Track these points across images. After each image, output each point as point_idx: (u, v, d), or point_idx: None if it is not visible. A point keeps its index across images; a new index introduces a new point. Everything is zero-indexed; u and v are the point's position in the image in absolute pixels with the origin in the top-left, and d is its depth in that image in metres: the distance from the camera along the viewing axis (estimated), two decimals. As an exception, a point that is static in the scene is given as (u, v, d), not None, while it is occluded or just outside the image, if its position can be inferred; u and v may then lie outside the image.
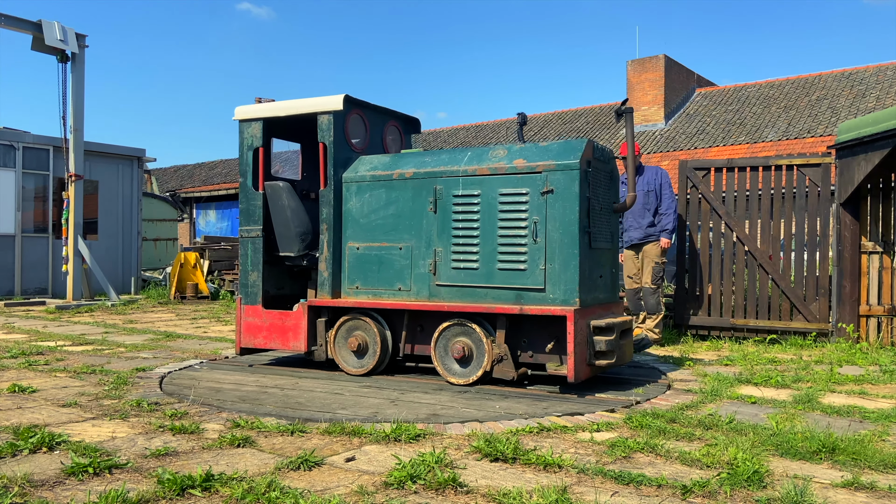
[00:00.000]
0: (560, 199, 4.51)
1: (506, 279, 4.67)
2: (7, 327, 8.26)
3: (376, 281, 5.09)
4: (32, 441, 3.14)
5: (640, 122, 28.18)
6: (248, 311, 5.48)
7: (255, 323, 5.44)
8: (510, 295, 4.65)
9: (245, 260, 5.52)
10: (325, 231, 5.23)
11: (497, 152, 4.85)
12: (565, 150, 4.61)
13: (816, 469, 2.94)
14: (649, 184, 6.98)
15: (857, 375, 5.13)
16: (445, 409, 4.01)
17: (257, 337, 5.44)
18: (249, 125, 5.55)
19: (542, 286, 4.55)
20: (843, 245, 6.81)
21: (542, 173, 4.57)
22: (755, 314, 7.26)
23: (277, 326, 5.36)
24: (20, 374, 5.04)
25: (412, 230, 4.97)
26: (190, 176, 40.49)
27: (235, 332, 5.46)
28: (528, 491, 2.59)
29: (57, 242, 13.52)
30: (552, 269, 4.52)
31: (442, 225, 4.87)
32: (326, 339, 5.25)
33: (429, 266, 4.90)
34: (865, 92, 24.32)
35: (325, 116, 5.27)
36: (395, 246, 5.03)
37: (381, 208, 5.10)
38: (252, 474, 2.79)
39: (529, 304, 4.57)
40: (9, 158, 13.27)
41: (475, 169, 4.79)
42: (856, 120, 6.68)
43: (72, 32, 11.55)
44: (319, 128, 5.28)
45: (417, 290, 4.95)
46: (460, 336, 4.78)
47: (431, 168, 4.96)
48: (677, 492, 2.63)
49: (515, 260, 4.64)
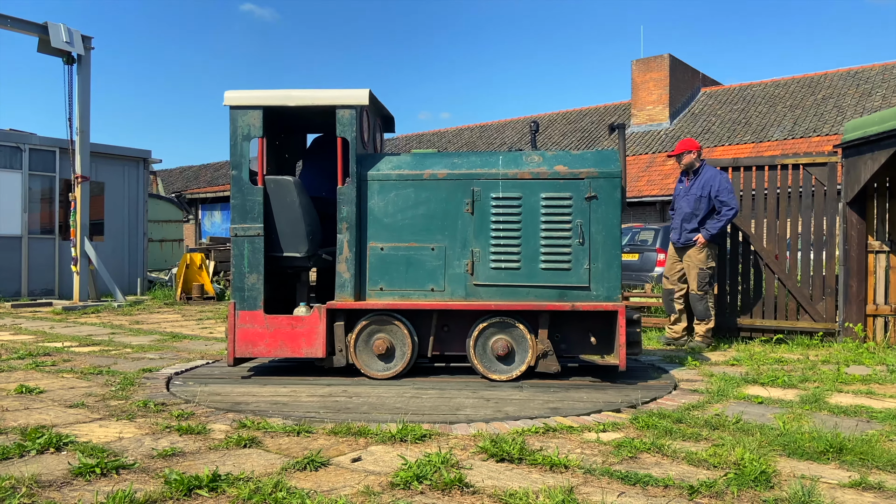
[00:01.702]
0: (603, 203, 4.92)
1: (549, 278, 4.95)
2: (14, 328, 8.29)
3: (404, 282, 5.00)
4: (40, 442, 3.15)
5: (644, 121, 28.13)
6: (244, 317, 4.98)
7: (254, 330, 4.99)
8: (553, 293, 4.94)
9: (240, 261, 5.02)
10: (344, 230, 4.98)
11: (532, 158, 5.10)
12: (603, 159, 5.04)
13: (824, 469, 2.93)
14: (703, 189, 6.66)
15: (865, 375, 5.11)
16: (531, 404, 4.20)
17: (258, 345, 4.98)
18: (245, 113, 5.08)
19: (586, 284, 4.91)
20: (850, 244, 6.78)
21: (585, 180, 4.95)
22: (761, 314, 7.23)
23: (286, 333, 4.98)
24: (27, 375, 5.06)
25: (446, 231, 5.01)
26: (195, 177, 40.60)
27: (228, 341, 4.98)
28: (534, 491, 2.59)
29: (63, 244, 13.57)
30: (596, 269, 4.91)
31: (479, 226, 5.00)
32: (346, 343, 5.00)
33: (465, 266, 4.99)
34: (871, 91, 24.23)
35: (348, 110, 5.02)
36: (426, 246, 5.01)
37: (410, 208, 5.02)
38: (259, 475, 2.79)
39: (575, 301, 4.90)
40: (15, 160, 13.32)
41: (516, 173, 5.00)
42: (862, 119, 6.66)
43: (78, 34, 11.59)
44: (339, 122, 5.01)
45: (452, 290, 5.00)
46: (500, 334, 4.96)
47: (467, 170, 5.06)
48: (684, 492, 2.62)
49: (560, 260, 4.93)
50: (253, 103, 5.07)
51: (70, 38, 11.45)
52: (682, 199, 6.82)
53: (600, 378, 5.02)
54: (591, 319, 5.00)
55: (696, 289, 6.68)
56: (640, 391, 4.53)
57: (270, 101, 5.10)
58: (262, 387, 4.69)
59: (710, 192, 6.63)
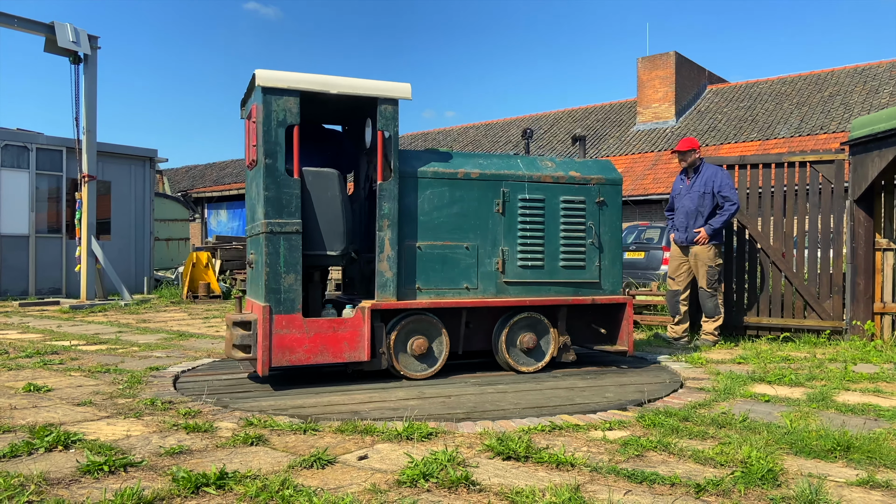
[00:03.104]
0: (609, 207, 5.45)
1: (568, 275, 5.36)
2: (22, 327, 8.33)
3: (440, 280, 5.00)
4: (48, 440, 3.16)
5: (650, 119, 28.07)
6: (281, 321, 4.56)
7: (292, 335, 4.58)
8: (570, 289, 5.36)
9: (275, 260, 4.57)
10: (385, 228, 4.83)
11: (546, 163, 5.44)
12: (605, 167, 5.54)
13: (831, 468, 2.92)
14: (706, 185, 6.65)
15: (872, 373, 5.09)
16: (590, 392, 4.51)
17: (296, 351, 4.58)
18: (281, 97, 4.64)
19: (597, 280, 5.42)
20: (857, 242, 6.76)
21: (595, 185, 5.43)
22: (768, 312, 7.21)
23: (327, 336, 4.66)
24: (35, 374, 5.08)
25: (478, 230, 5.12)
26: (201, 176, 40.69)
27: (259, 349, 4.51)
28: (540, 489, 2.59)
29: (70, 243, 13.63)
30: (605, 266, 5.43)
31: (508, 225, 5.21)
32: (387, 344, 4.85)
33: (496, 264, 5.15)
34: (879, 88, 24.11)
35: (391, 104, 4.88)
36: (460, 245, 5.06)
37: (445, 206, 5.02)
38: (266, 472, 2.80)
39: (591, 295, 5.39)
40: (22, 160, 13.38)
41: (539, 176, 5.32)
42: (869, 116, 6.63)
43: (84, 34, 11.63)
44: (382, 115, 4.86)
45: (484, 287, 5.14)
46: (525, 329, 5.25)
47: (496, 171, 5.22)
48: (691, 490, 2.62)
49: (576, 258, 5.36)
50: (291, 86, 4.64)
51: (76, 37, 11.49)
52: (685, 197, 6.80)
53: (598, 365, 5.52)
54: (593, 312, 5.53)
55: (706, 286, 6.67)
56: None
57: (310, 87, 4.70)
58: (321, 396, 4.37)
59: (713, 188, 6.63)
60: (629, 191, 23.86)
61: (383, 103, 4.87)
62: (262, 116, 4.57)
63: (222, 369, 5.30)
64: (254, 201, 5.02)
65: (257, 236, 4.84)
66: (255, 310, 4.79)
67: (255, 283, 4.96)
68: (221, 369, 5.31)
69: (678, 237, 6.86)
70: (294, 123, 4.64)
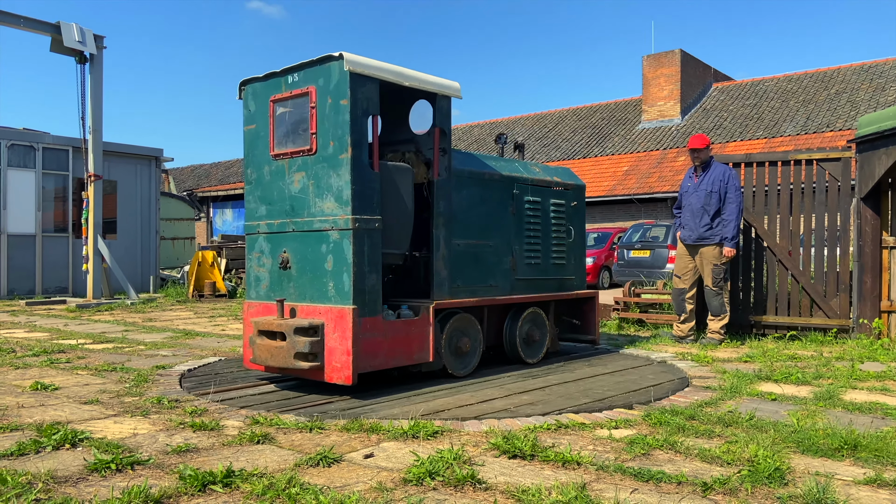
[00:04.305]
0: (578, 210, 6.04)
1: (555, 272, 5.80)
2: (29, 326, 8.37)
3: (472, 278, 5.04)
4: (55, 438, 3.18)
5: (655, 117, 28.00)
6: (367, 324, 4.21)
7: (376, 339, 4.27)
8: (555, 285, 5.80)
9: (361, 258, 4.19)
10: (440, 226, 4.74)
11: (535, 168, 5.80)
12: (572, 175, 6.15)
13: (838, 466, 2.91)
14: (713, 184, 6.63)
15: (879, 372, 5.07)
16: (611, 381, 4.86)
17: (378, 356, 4.29)
18: (366, 85, 4.26)
19: (573, 276, 5.97)
20: (864, 240, 6.73)
21: (571, 190, 5.98)
22: (774, 310, 7.19)
23: (402, 338, 4.44)
24: (42, 372, 5.10)
25: (498, 229, 5.27)
26: (207, 175, 40.79)
27: (343, 353, 4.13)
28: (546, 488, 2.59)
29: (77, 242, 13.68)
30: (577, 263, 5.99)
31: (518, 225, 5.43)
32: (441, 342, 4.73)
33: (510, 262, 5.35)
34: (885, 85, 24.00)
35: (446, 101, 4.79)
36: (487, 243, 5.17)
37: (476, 206, 5.07)
38: (272, 471, 2.81)
39: (571, 290, 5.92)
40: (29, 159, 13.43)
41: (538, 179, 5.66)
42: (876, 113, 6.60)
43: (90, 34, 11.66)
44: (439, 111, 4.78)
45: (502, 285, 5.30)
46: (530, 323, 5.58)
47: (509, 173, 5.40)
48: (697, 489, 2.61)
49: (561, 256, 5.83)
50: (374, 74, 4.32)
51: (82, 37, 11.53)
52: (692, 195, 6.78)
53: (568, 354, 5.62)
54: (567, 305, 6.13)
55: (712, 284, 6.66)
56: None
57: (387, 76, 4.43)
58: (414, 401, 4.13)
59: (721, 187, 6.61)
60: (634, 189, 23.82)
61: (442, 100, 4.79)
62: (350, 103, 4.15)
63: (227, 368, 5.31)
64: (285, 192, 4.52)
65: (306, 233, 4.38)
66: (305, 313, 4.35)
67: (301, 283, 4.43)
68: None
69: (684, 236, 6.84)
70: (374, 113, 4.35)
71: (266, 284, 4.64)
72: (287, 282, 4.51)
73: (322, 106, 4.26)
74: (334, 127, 4.20)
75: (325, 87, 4.26)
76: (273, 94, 4.57)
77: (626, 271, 16.26)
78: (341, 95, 4.17)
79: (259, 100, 4.68)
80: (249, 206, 4.76)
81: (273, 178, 4.60)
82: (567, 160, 28.13)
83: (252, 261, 4.75)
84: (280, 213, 4.55)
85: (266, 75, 4.62)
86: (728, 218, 6.57)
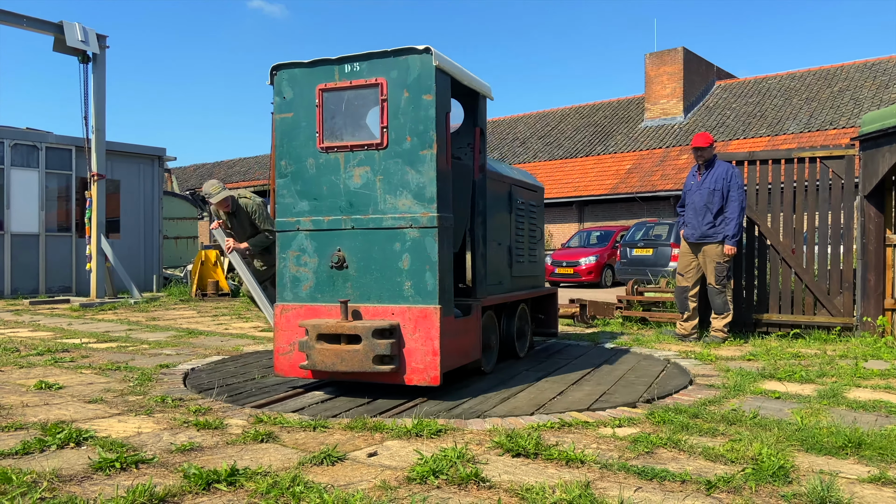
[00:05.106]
0: (540, 210, 6.40)
1: (532, 270, 6.08)
2: (33, 325, 8.39)
3: (493, 277, 5.10)
4: (60, 437, 3.18)
5: (658, 115, 27.96)
6: (447, 324, 4.07)
7: (451, 339, 4.15)
8: (532, 282, 6.10)
9: (444, 257, 4.07)
10: (480, 225, 4.71)
11: (513, 170, 5.96)
12: (533, 177, 6.46)
13: (842, 464, 2.91)
14: (717, 182, 6.61)
15: (883, 370, 5.06)
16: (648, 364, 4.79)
17: (451, 356, 4.14)
18: (444, 80, 4.12)
19: (539, 274, 6.34)
20: (868, 238, 6.72)
21: (538, 192, 6.35)
22: (778, 308, 7.18)
23: (462, 338, 4.31)
24: (46, 371, 5.11)
25: (504, 228, 5.42)
26: (209, 174, 40.85)
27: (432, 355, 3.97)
28: (550, 486, 2.59)
29: (80, 241, 13.70)
30: (542, 261, 6.43)
31: (515, 225, 5.65)
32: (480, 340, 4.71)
33: (509, 260, 5.53)
34: (889, 82, 23.94)
35: (485, 100, 4.75)
36: (498, 242, 5.29)
37: (493, 205, 5.10)
38: (276, 469, 2.81)
39: (539, 287, 6.25)
40: (32, 159, 13.45)
41: (525, 182, 5.91)
42: (880, 111, 6.58)
43: (93, 33, 11.67)
44: (480, 111, 4.73)
45: (505, 283, 5.45)
46: (520, 318, 5.79)
47: (508, 174, 5.59)
48: (701, 487, 2.61)
49: (536, 254, 6.18)
50: (448, 70, 4.18)
51: (85, 36, 11.54)
52: (695, 193, 6.77)
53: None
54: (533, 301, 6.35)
55: (715, 282, 6.65)
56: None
57: (456, 73, 4.30)
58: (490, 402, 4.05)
59: (724, 185, 6.60)
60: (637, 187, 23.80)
61: (483, 100, 4.76)
62: (434, 96, 4.00)
63: (241, 370, 5.32)
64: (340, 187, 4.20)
65: (372, 230, 4.13)
66: (372, 315, 4.12)
67: (362, 283, 4.17)
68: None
69: (687, 234, 6.83)
70: (448, 110, 4.22)
71: (309, 285, 4.27)
72: (342, 282, 4.20)
73: (395, 99, 4.04)
74: (413, 122, 4.00)
75: (399, 79, 4.04)
76: (321, 82, 4.21)
77: (628, 270, 16.26)
78: (424, 90, 3.99)
79: (300, 87, 4.29)
80: (284, 201, 4.32)
81: (321, 171, 4.24)
82: (570, 158, 28.10)
83: (287, 260, 4.32)
84: (331, 210, 4.22)
85: (312, 62, 4.26)
86: (731, 216, 6.57)
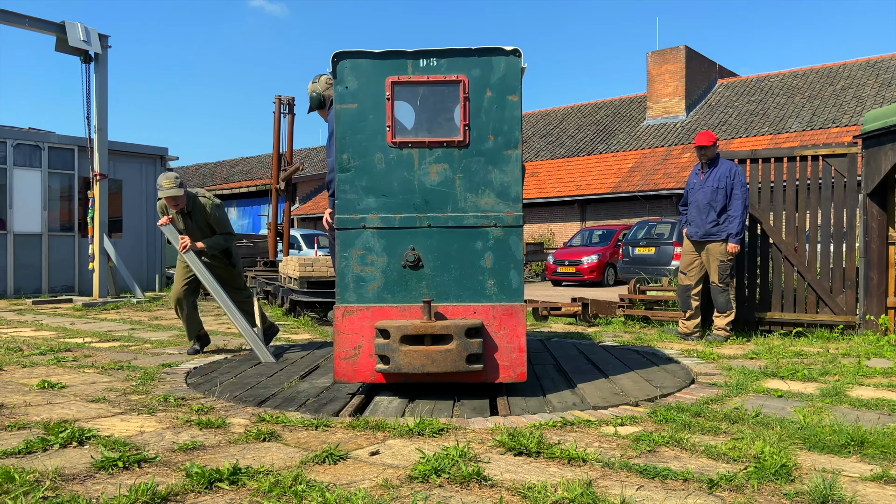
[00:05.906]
0: None
1: None
2: (35, 324, 8.40)
3: None
4: (63, 436, 3.19)
5: (660, 114, 27.93)
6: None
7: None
8: None
9: (517, 254, 4.07)
10: None
11: None
12: None
13: (845, 463, 2.90)
14: (720, 180, 6.61)
15: (886, 368, 5.05)
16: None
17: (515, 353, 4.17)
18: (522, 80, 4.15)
19: None
20: (870, 236, 6.71)
21: None
22: (780, 307, 7.18)
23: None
24: (49, 371, 5.12)
25: None
26: (211, 174, 40.85)
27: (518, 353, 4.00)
28: (552, 485, 2.59)
29: (83, 241, 13.73)
30: None
31: None
32: None
33: None
34: (891, 80, 23.89)
35: None
36: None
37: None
38: (278, 468, 2.81)
39: None
40: (35, 158, 13.48)
41: None
42: (882, 109, 6.57)
43: (95, 33, 11.69)
44: None
45: None
46: None
47: None
48: (704, 486, 2.61)
49: None
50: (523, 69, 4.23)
51: (87, 36, 11.55)
52: (698, 191, 6.76)
53: None
54: None
55: (718, 281, 6.64)
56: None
57: None
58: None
59: (727, 183, 6.59)
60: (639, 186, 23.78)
61: None
62: (520, 99, 4.03)
63: (237, 365, 5.32)
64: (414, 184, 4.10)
65: (451, 229, 4.08)
66: (453, 314, 4.07)
67: (440, 282, 4.10)
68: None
69: (690, 232, 6.82)
70: None
71: (377, 285, 4.11)
72: (416, 282, 4.09)
73: (478, 97, 4.02)
74: (498, 121, 4.01)
75: (482, 78, 4.03)
76: (392, 74, 4.08)
77: (631, 268, 16.26)
78: (510, 91, 4.00)
79: (366, 78, 4.11)
80: (347, 197, 4.11)
81: (392, 167, 4.09)
82: (572, 157, 28.08)
83: (350, 259, 4.13)
84: (404, 207, 4.09)
85: (383, 52, 4.11)
86: (734, 214, 6.56)
